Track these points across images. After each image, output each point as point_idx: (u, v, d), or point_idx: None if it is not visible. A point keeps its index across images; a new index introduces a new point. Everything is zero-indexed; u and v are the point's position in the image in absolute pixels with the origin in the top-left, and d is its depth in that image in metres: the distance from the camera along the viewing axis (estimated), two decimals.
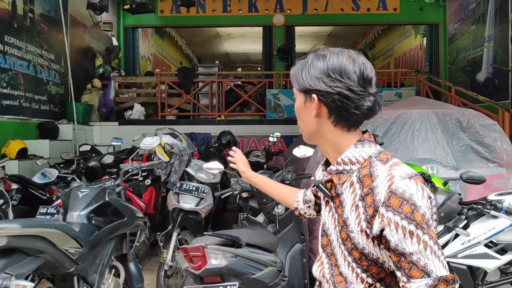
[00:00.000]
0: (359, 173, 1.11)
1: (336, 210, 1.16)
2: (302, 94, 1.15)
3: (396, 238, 1.00)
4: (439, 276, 0.99)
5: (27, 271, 2.08)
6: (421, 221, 0.99)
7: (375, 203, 1.04)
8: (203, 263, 2.29)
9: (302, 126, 1.20)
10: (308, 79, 1.11)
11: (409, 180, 1.02)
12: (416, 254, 0.99)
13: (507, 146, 3.84)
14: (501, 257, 2.50)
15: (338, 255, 1.16)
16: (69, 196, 2.86)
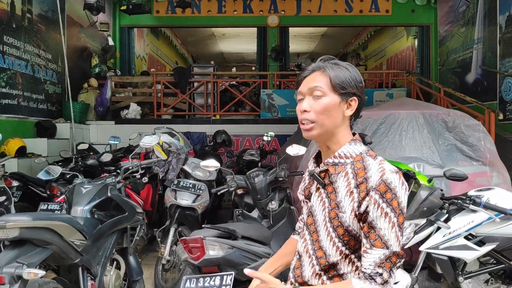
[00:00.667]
0: (353, 166, 1.32)
1: (328, 195, 1.37)
2: (338, 95, 1.34)
3: (374, 215, 1.26)
4: (394, 250, 1.26)
5: (37, 261, 2.23)
6: (396, 207, 1.25)
7: (367, 188, 1.27)
8: (201, 254, 2.45)
9: (327, 122, 1.34)
10: (353, 82, 1.35)
11: (395, 174, 1.28)
12: (383, 230, 1.25)
13: (490, 145, 4.03)
14: (479, 248, 2.68)
15: (322, 233, 1.37)
16: (73, 192, 3.00)
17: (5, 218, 2.17)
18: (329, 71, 1.34)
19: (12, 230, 2.14)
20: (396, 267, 1.27)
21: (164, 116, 8.96)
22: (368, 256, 1.27)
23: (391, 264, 1.25)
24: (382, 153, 3.77)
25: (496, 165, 3.98)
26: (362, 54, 17.10)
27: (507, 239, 2.73)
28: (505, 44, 7.98)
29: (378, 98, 8.70)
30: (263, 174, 3.66)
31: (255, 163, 5.57)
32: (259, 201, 3.61)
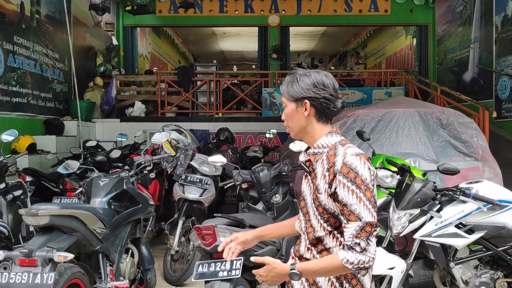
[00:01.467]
0: (327, 154, 1.58)
1: (312, 181, 1.62)
2: (293, 102, 1.62)
3: (342, 193, 1.49)
4: (367, 221, 1.46)
5: (65, 246, 2.45)
6: (360, 184, 1.48)
7: (334, 171, 1.52)
8: (213, 240, 2.67)
9: (293, 126, 1.66)
10: (299, 90, 1.60)
11: (356, 156, 1.51)
12: (354, 205, 1.47)
13: (482, 142, 4.25)
14: (469, 236, 2.90)
15: (311, 213, 1.63)
16: (91, 185, 3.22)
17: (36, 206, 2.40)
18: (282, 88, 1.67)
19: (43, 218, 2.36)
20: (372, 236, 1.47)
21: (168, 114, 9.17)
22: (346, 230, 1.49)
23: (366, 233, 1.46)
24: (379, 149, 3.99)
25: (488, 160, 4.20)
26: (362, 52, 17.28)
27: (494, 227, 2.95)
28: (501, 44, 8.19)
29: (377, 97, 8.91)
30: (268, 169, 3.88)
31: (258, 159, 5.78)
32: (263, 194, 3.83)
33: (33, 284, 2.20)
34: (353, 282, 1.58)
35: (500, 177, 4.19)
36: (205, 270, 2.72)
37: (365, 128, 4.15)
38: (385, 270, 2.86)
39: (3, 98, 6.15)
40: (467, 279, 3.01)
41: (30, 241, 2.44)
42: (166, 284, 4.33)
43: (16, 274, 2.23)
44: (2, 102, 6.15)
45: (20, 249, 2.31)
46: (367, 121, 4.22)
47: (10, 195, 3.99)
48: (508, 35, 7.95)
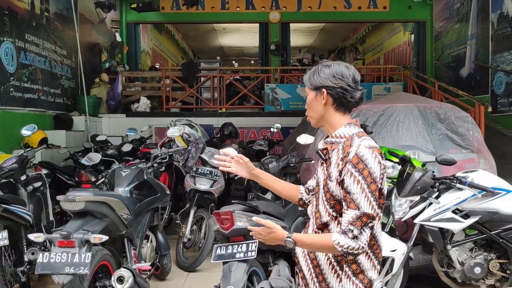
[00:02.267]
0: (344, 144, 1.64)
1: (326, 168, 1.70)
2: (314, 91, 1.70)
3: (348, 181, 1.56)
4: (365, 212, 1.54)
5: (98, 229, 2.69)
6: (367, 175, 1.54)
7: (346, 161, 1.58)
8: (231, 225, 2.90)
9: (313, 114, 1.73)
10: (319, 79, 1.68)
11: (368, 149, 1.57)
12: (356, 194, 1.54)
13: (478, 135, 4.50)
14: (464, 221, 3.15)
15: (320, 199, 1.72)
16: (113, 175, 3.45)
17: (72, 193, 2.63)
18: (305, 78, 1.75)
19: (79, 203, 2.60)
20: (367, 227, 1.54)
21: (173, 109, 9.38)
22: (344, 216, 1.57)
23: (361, 223, 1.53)
24: (381, 142, 4.23)
25: (483, 152, 4.45)
26: (360, 48, 17.48)
27: (488, 213, 3.20)
28: (497, 41, 8.43)
29: (376, 92, 9.14)
30: (276, 160, 4.12)
31: (263, 153, 6.02)
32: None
33: (72, 263, 2.44)
34: (353, 267, 1.64)
35: (495, 168, 4.44)
36: (223, 252, 2.97)
37: (368, 122, 4.39)
38: (387, 252, 3.11)
39: (16, 94, 6.36)
40: (463, 261, 3.26)
41: (67, 225, 2.67)
42: (179, 270, 4.57)
43: (56, 254, 2.47)
44: (15, 98, 6.36)
45: (59, 231, 2.55)
46: (369, 115, 4.46)
47: (30, 186, 4.20)
48: (504, 32, 8.19)
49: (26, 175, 4.24)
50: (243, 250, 2.92)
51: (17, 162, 4.00)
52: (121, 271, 2.76)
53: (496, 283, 3.30)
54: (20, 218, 3.52)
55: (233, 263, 2.89)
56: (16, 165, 3.98)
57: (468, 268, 3.23)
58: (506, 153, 7.14)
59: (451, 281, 3.39)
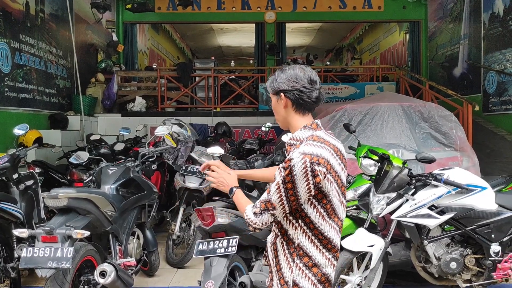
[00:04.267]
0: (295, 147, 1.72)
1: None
2: (275, 95, 1.81)
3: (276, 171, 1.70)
4: (270, 199, 1.67)
5: (81, 225, 2.78)
6: (287, 174, 1.64)
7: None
8: (212, 221, 2.99)
9: (278, 117, 1.86)
10: (277, 84, 1.78)
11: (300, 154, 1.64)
12: (273, 184, 1.68)
13: (461, 133, 4.58)
14: (440, 217, 3.22)
15: None
16: (100, 173, 3.54)
17: (56, 190, 2.72)
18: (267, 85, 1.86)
19: (62, 200, 2.69)
20: (267, 212, 1.68)
21: (168, 109, 9.48)
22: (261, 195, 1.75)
23: (265, 205, 1.68)
24: (365, 141, 4.31)
25: (466, 150, 4.53)
26: (358, 47, 17.55)
27: (463, 209, 3.28)
28: (489, 40, 8.52)
29: (369, 91, 9.22)
30: (262, 159, 4.21)
31: (254, 151, 6.10)
32: (258, 182, 4.15)
33: (55, 257, 2.53)
34: (304, 260, 1.73)
35: (478, 166, 4.52)
36: (204, 247, 3.06)
37: (353, 121, 4.48)
38: (365, 248, 3.20)
39: (11, 94, 6.45)
40: (439, 256, 3.34)
41: (51, 221, 2.77)
42: (168, 266, 4.66)
43: (39, 249, 2.56)
44: (10, 98, 6.45)
45: (42, 227, 2.64)
46: (354, 114, 4.54)
47: (22, 184, 4.27)
48: (495, 32, 8.27)
49: (18, 173, 4.32)
50: (224, 246, 3.01)
51: (9, 160, 4.08)
52: (103, 265, 2.84)
53: (472, 277, 3.38)
54: (10, 215, 3.61)
55: (214, 258, 2.98)
56: (8, 164, 4.06)
57: (445, 263, 3.31)
58: (496, 151, 7.24)
59: (428, 275, 3.47)
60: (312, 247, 1.73)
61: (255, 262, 3.44)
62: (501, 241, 3.32)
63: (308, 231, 1.73)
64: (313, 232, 1.73)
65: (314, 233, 1.73)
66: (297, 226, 1.74)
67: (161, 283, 4.21)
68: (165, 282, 4.24)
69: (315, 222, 1.72)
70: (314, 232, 1.73)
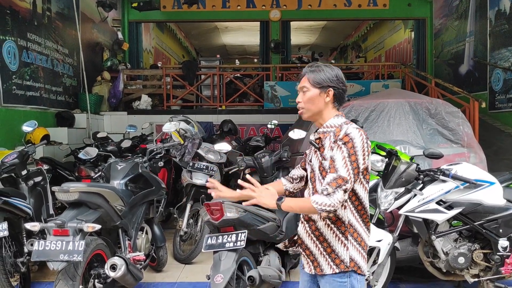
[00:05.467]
0: (334, 131, 1.90)
1: (321, 155, 1.94)
2: (319, 89, 1.93)
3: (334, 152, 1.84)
4: (340, 175, 1.80)
5: (91, 219, 2.81)
6: (350, 147, 1.81)
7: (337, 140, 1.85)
8: (220, 215, 3.01)
9: (312, 107, 1.96)
10: (326, 79, 1.93)
11: (355, 129, 1.86)
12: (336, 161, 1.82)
13: (468, 130, 4.57)
14: (448, 212, 3.23)
15: (317, 181, 1.97)
16: (109, 169, 3.57)
17: (66, 184, 2.75)
18: (308, 75, 1.97)
19: (73, 194, 2.71)
20: (341, 188, 1.78)
21: (173, 107, 9.51)
22: (325, 180, 1.83)
23: (336, 184, 1.78)
24: (372, 137, 4.32)
25: (473, 146, 4.52)
26: (363, 45, 17.52)
27: (471, 204, 3.28)
28: (495, 37, 8.48)
29: (374, 89, 9.21)
30: (269, 155, 4.22)
31: (260, 148, 6.11)
32: (265, 178, 4.17)
33: (66, 250, 2.56)
34: (355, 236, 1.90)
35: (485, 163, 4.51)
36: (213, 242, 3.08)
37: (359, 118, 4.48)
38: (373, 242, 3.21)
39: (18, 92, 6.50)
40: (447, 251, 3.34)
41: (62, 215, 2.80)
42: (175, 262, 4.69)
43: (51, 242, 2.59)
44: (18, 95, 6.50)
45: (54, 221, 2.67)
46: (361, 111, 4.55)
47: (31, 181, 4.32)
48: (501, 29, 8.23)
49: (27, 170, 4.37)
50: (232, 240, 3.03)
51: (18, 157, 4.12)
52: (114, 259, 2.87)
53: (480, 272, 3.37)
54: (20, 210, 3.65)
55: (223, 252, 3.00)
56: (17, 160, 4.11)
57: (452, 258, 3.31)
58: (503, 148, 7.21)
59: (436, 271, 3.47)
60: (357, 223, 1.91)
61: (263, 256, 3.46)
62: (509, 236, 3.31)
63: (353, 208, 1.91)
64: (357, 209, 1.91)
65: (358, 209, 1.92)
66: (345, 205, 1.89)
67: (169, 279, 4.24)
68: (173, 278, 4.27)
69: (361, 197, 1.91)
70: (358, 208, 1.92)
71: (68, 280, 2.64)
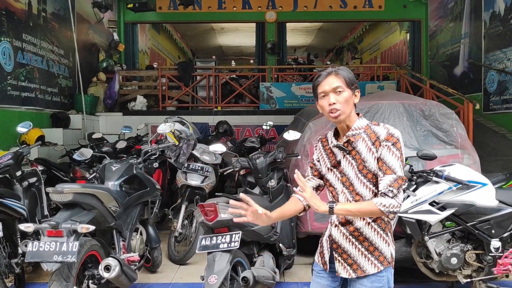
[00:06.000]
0: (365, 133, 1.92)
1: (353, 157, 1.93)
2: (350, 89, 1.92)
3: (384, 153, 1.85)
4: (400, 175, 1.83)
5: (85, 220, 2.81)
6: (400, 148, 1.86)
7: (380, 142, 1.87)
8: (214, 216, 3.02)
9: (348, 108, 1.91)
10: (354, 80, 1.94)
11: (396, 129, 1.91)
12: (391, 162, 1.84)
13: (462, 131, 4.60)
14: (441, 213, 3.26)
15: (356, 184, 1.93)
16: (104, 170, 3.57)
17: (61, 185, 2.75)
18: (342, 73, 1.91)
19: (67, 195, 2.72)
20: (402, 188, 1.82)
21: (169, 108, 9.51)
22: (382, 182, 1.84)
23: (398, 184, 1.82)
24: None
25: (467, 148, 4.55)
26: (358, 47, 17.57)
27: (464, 205, 3.31)
28: (489, 39, 8.54)
29: (370, 90, 9.24)
30: (264, 156, 4.23)
31: (255, 150, 6.12)
32: (260, 179, 4.18)
33: (60, 251, 2.56)
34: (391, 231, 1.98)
35: (478, 164, 4.54)
36: (207, 243, 3.09)
37: None
38: None
39: (13, 92, 6.49)
40: (440, 251, 3.37)
41: (56, 216, 2.80)
42: (170, 263, 4.69)
43: (45, 243, 2.59)
44: (13, 96, 6.49)
45: (48, 222, 2.67)
46: None
47: (26, 182, 4.31)
48: (496, 31, 8.29)
49: (21, 171, 4.35)
50: (226, 241, 3.04)
51: (12, 158, 4.11)
52: (108, 260, 2.88)
53: (472, 273, 3.40)
54: (14, 211, 3.64)
55: (217, 253, 3.01)
56: (12, 161, 4.09)
57: (445, 259, 3.33)
58: (497, 150, 7.26)
59: (429, 271, 3.50)
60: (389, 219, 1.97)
61: (257, 257, 3.47)
62: (501, 236, 3.35)
63: None
64: None
65: None
66: None
67: (164, 279, 4.24)
68: (167, 278, 4.27)
69: None
70: None
71: (62, 281, 2.64)
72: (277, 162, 4.22)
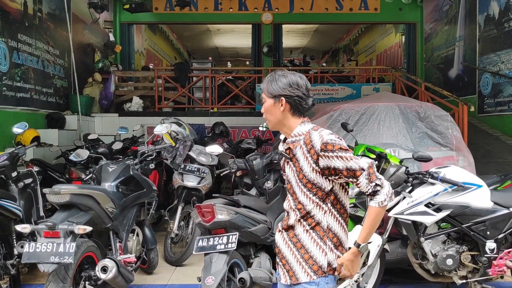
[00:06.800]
0: (304, 139, 1.87)
1: (294, 165, 1.91)
2: (272, 98, 1.91)
3: (337, 164, 1.80)
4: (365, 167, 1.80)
5: (82, 221, 2.81)
6: (343, 150, 1.80)
7: (316, 152, 1.82)
8: (211, 218, 3.03)
9: (271, 118, 1.94)
10: (277, 88, 1.89)
11: (331, 134, 1.84)
12: (349, 165, 1.79)
13: (457, 133, 4.64)
14: (436, 214, 3.28)
15: (297, 191, 1.92)
16: (100, 171, 3.57)
17: (58, 186, 2.75)
18: (263, 85, 1.96)
19: (64, 196, 2.71)
20: (376, 172, 1.81)
21: (165, 109, 9.49)
22: (360, 184, 1.80)
23: (373, 173, 1.80)
24: (363, 140, 4.36)
25: (461, 150, 4.58)
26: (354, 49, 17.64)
27: (459, 206, 3.33)
28: (484, 42, 8.62)
29: (365, 92, 9.29)
30: (260, 157, 4.25)
31: (251, 151, 6.13)
32: (256, 180, 4.20)
33: (57, 252, 2.55)
34: (334, 240, 1.88)
35: (473, 166, 4.58)
36: (204, 244, 3.09)
37: (350, 121, 4.52)
38: None
39: (8, 93, 6.46)
40: (436, 253, 3.39)
41: (53, 217, 2.80)
42: (166, 264, 4.68)
43: (42, 244, 2.59)
44: (8, 97, 6.45)
45: (45, 223, 2.67)
46: (351, 114, 4.59)
47: (21, 183, 4.28)
48: (490, 34, 8.36)
49: (17, 171, 4.33)
50: (223, 242, 3.05)
51: (8, 159, 4.09)
52: (105, 261, 2.87)
53: (467, 274, 3.43)
54: (10, 212, 3.63)
55: (214, 254, 3.02)
56: (7, 162, 4.07)
57: (441, 260, 3.36)
58: (491, 152, 7.32)
59: (425, 272, 3.52)
60: (339, 227, 1.90)
61: (254, 258, 3.48)
62: (496, 238, 3.38)
63: (335, 212, 1.89)
64: (339, 212, 1.90)
65: (340, 212, 1.90)
66: (326, 209, 1.88)
67: (160, 281, 4.24)
68: (163, 280, 4.27)
69: (341, 199, 1.90)
70: (340, 211, 1.90)
71: (58, 282, 2.63)
72: (273, 164, 4.24)
